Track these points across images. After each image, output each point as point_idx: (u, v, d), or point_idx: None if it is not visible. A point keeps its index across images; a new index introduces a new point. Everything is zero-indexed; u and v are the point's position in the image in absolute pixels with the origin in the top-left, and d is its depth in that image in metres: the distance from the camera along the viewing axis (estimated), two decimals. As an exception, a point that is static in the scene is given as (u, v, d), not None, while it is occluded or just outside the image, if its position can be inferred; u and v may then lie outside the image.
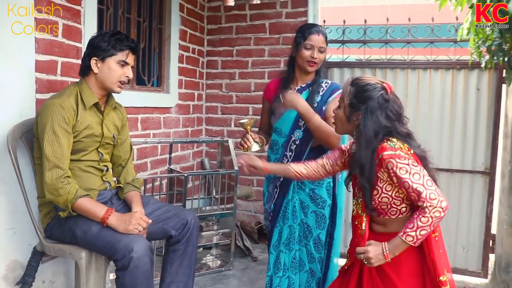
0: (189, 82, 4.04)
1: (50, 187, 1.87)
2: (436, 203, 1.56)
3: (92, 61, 2.04)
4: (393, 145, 1.66)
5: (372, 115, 1.68)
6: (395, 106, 1.72)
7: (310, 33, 2.34)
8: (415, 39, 3.68)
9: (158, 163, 3.58)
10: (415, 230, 1.58)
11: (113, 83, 2.07)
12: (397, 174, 1.62)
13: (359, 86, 1.74)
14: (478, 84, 3.57)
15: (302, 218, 2.42)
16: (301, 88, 2.44)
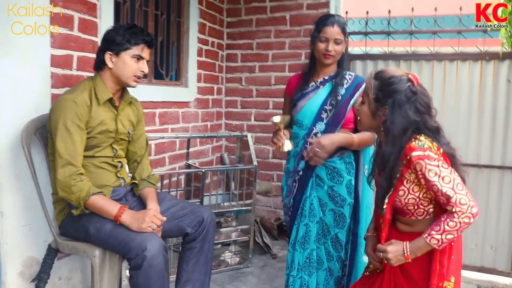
0: (208, 76, 3.99)
1: (63, 185, 1.84)
2: (466, 208, 1.48)
3: (106, 55, 2.00)
4: (422, 144, 1.58)
5: (400, 109, 1.59)
6: (423, 98, 1.62)
7: (324, 25, 2.28)
8: (441, 30, 3.53)
9: (176, 158, 3.54)
10: (441, 234, 1.51)
11: (128, 77, 2.03)
12: (426, 177, 1.53)
13: (384, 79, 1.65)
14: (509, 76, 3.42)
15: (321, 216, 2.35)
16: (324, 81, 2.38)
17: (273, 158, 4.15)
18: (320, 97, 2.35)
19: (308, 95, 2.39)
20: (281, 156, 4.11)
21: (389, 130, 1.61)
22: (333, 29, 2.26)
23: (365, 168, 2.42)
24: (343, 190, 2.32)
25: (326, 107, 2.32)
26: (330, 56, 2.28)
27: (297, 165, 2.41)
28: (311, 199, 2.35)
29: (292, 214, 2.43)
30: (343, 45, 2.31)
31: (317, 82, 2.38)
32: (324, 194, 2.35)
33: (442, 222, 1.52)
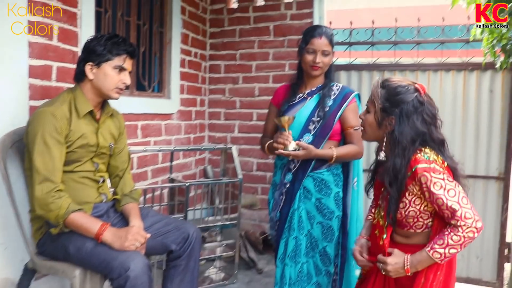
0: (191, 87, 3.92)
1: (40, 202, 1.75)
2: (471, 223, 1.45)
3: (87, 66, 1.92)
4: (427, 157, 1.55)
5: (408, 120, 1.56)
6: (430, 108, 1.60)
7: (312, 36, 2.26)
8: (424, 40, 3.56)
9: (159, 172, 3.45)
10: (444, 247, 1.48)
11: (109, 90, 1.95)
12: (431, 190, 1.51)
13: (391, 89, 1.62)
14: (491, 86, 3.44)
15: (309, 229, 2.31)
16: (311, 92, 2.36)
17: (257, 171, 4.09)
18: (307, 108, 2.33)
19: (295, 106, 2.36)
20: (265, 168, 4.05)
21: (397, 141, 1.57)
22: (321, 40, 2.25)
23: (354, 180, 2.39)
24: (331, 202, 2.29)
25: (314, 119, 2.29)
26: (318, 68, 2.27)
27: (283, 177, 2.37)
28: (299, 212, 2.31)
29: (279, 227, 2.38)
30: (330, 56, 2.30)
31: (305, 93, 2.36)
32: (312, 206, 2.31)
33: (446, 236, 1.49)
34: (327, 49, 2.25)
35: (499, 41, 2.92)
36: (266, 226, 4.04)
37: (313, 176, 2.30)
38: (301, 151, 2.16)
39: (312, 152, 2.18)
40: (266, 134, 2.53)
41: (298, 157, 2.20)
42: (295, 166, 2.32)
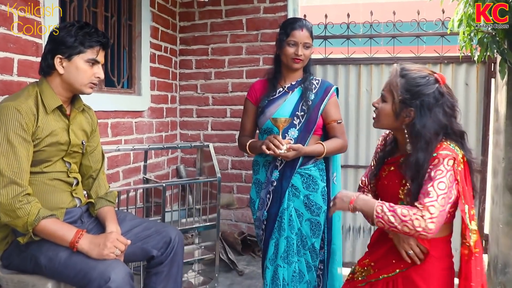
0: (162, 84, 3.74)
1: (6, 208, 1.56)
2: (427, 217, 1.40)
3: (56, 59, 1.72)
4: (453, 146, 1.50)
5: (430, 112, 1.50)
6: (450, 99, 1.55)
7: (293, 28, 2.21)
8: (400, 33, 3.53)
9: (131, 172, 3.27)
10: (390, 210, 1.46)
11: (82, 85, 1.77)
12: (431, 173, 1.47)
13: (411, 79, 1.55)
14: (466, 79, 3.46)
15: (298, 227, 2.25)
16: (292, 86, 2.30)
17: (232, 169, 3.96)
18: (290, 103, 2.27)
19: (276, 101, 2.29)
20: (240, 166, 3.93)
21: (420, 134, 1.51)
22: (302, 32, 2.21)
23: (334, 175, 2.38)
24: (318, 198, 2.25)
25: (298, 113, 2.24)
26: (299, 61, 2.22)
27: (270, 175, 2.28)
28: (289, 211, 2.24)
29: (267, 227, 2.30)
30: (311, 49, 2.27)
31: (285, 87, 2.31)
32: (300, 203, 2.25)
33: (400, 206, 1.47)
34: (308, 42, 2.22)
35: (475, 34, 2.91)
36: (244, 226, 3.93)
37: (300, 173, 2.25)
38: (291, 152, 2.11)
39: (302, 151, 2.15)
40: (244, 133, 2.44)
41: (288, 158, 2.15)
42: (282, 163, 2.25)
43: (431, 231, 1.40)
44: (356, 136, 3.63)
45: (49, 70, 1.76)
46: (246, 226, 3.92)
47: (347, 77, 3.65)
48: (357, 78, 3.63)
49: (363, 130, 3.60)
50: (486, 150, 3.42)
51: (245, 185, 3.91)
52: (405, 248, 1.58)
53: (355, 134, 3.64)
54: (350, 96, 3.63)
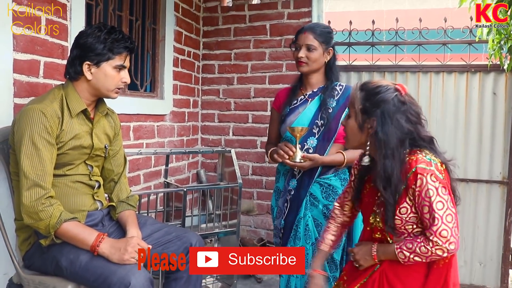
0: (184, 88, 3.75)
1: (29, 210, 1.56)
2: (443, 242, 1.42)
3: (84, 66, 1.72)
4: (429, 158, 1.48)
5: (391, 120, 1.49)
6: (413, 107, 1.54)
7: (298, 33, 2.23)
8: (426, 41, 3.46)
9: (151, 176, 3.27)
10: (410, 253, 1.48)
11: (109, 90, 1.78)
12: (422, 194, 1.45)
13: (370, 89, 1.56)
14: (494, 88, 3.38)
15: (316, 237, 2.19)
16: (313, 93, 2.26)
17: (253, 175, 3.94)
18: (310, 111, 2.23)
19: (297, 109, 2.26)
20: (261, 172, 3.90)
21: (383, 142, 1.50)
22: (305, 35, 2.19)
23: None
24: None
25: (317, 121, 2.20)
26: (302, 63, 2.19)
27: (287, 184, 2.26)
28: (305, 220, 2.20)
29: (284, 236, 2.27)
30: (317, 52, 2.19)
31: (306, 95, 2.27)
32: (319, 213, 2.20)
33: (416, 243, 1.47)
34: (311, 43, 2.17)
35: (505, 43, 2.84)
36: (263, 232, 3.90)
37: (319, 182, 2.21)
38: (307, 162, 2.09)
39: (319, 161, 2.12)
40: (270, 141, 2.45)
41: (304, 168, 2.13)
42: (300, 172, 2.22)
43: (454, 249, 1.43)
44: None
45: (76, 75, 1.76)
46: (266, 233, 3.89)
47: (371, 84, 3.60)
48: (381, 85, 3.57)
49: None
50: (514, 162, 3.33)
51: (266, 191, 3.88)
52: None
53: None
54: (374, 104, 3.58)
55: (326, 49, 2.21)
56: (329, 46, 2.22)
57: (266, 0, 3.81)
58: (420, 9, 6.37)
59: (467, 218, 3.45)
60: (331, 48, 2.24)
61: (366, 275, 1.61)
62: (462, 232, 3.46)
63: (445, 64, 3.45)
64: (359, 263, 1.62)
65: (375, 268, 1.59)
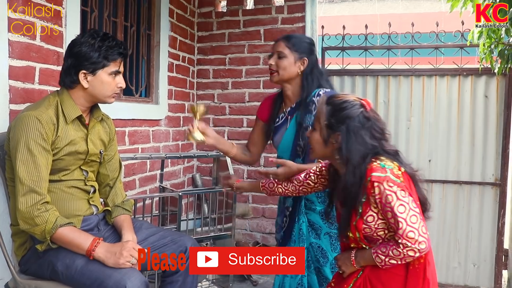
0: (179, 93, 3.77)
1: (25, 216, 1.57)
2: (412, 243, 1.42)
3: (80, 75, 1.73)
4: (383, 164, 1.49)
5: (356, 136, 1.52)
6: (378, 123, 1.56)
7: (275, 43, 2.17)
8: (419, 45, 3.50)
9: (147, 180, 3.29)
10: (385, 256, 1.49)
11: (106, 96, 1.80)
12: (382, 201, 1.47)
13: (336, 104, 1.57)
14: (486, 91, 3.42)
15: (312, 241, 2.16)
16: (291, 110, 2.19)
17: (248, 179, 3.95)
18: (290, 132, 2.18)
19: (280, 129, 2.23)
20: (256, 176, 3.92)
21: (346, 158, 1.52)
22: (277, 43, 2.14)
23: None
24: None
25: (299, 142, 2.13)
26: (273, 72, 2.12)
27: (284, 199, 2.25)
28: (299, 224, 2.18)
29: (281, 244, 2.26)
30: (287, 60, 2.08)
31: (286, 112, 2.21)
32: (317, 217, 2.16)
33: (389, 246, 1.49)
34: (281, 50, 2.09)
35: (496, 46, 2.88)
36: (258, 235, 3.91)
37: None
38: (280, 169, 1.99)
39: (294, 167, 1.98)
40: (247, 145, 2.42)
41: (278, 176, 1.99)
42: None
43: (425, 248, 1.43)
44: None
45: (72, 84, 1.76)
46: (261, 236, 3.90)
47: (364, 88, 3.64)
48: (375, 89, 3.62)
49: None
50: (506, 164, 3.36)
51: (261, 195, 3.89)
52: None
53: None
54: (367, 107, 3.61)
55: (300, 58, 2.10)
56: (304, 55, 2.10)
57: (260, 6, 3.85)
58: (414, 13, 6.42)
59: (461, 219, 3.49)
60: (306, 58, 2.10)
61: (350, 281, 1.62)
62: (456, 234, 3.50)
63: (437, 68, 3.49)
64: (342, 269, 1.64)
65: (358, 275, 1.60)
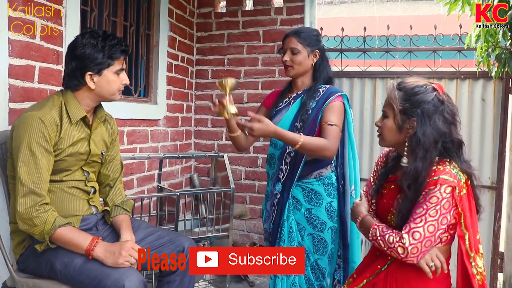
0: (177, 93, 3.78)
1: (24, 216, 1.58)
2: (408, 244, 1.42)
3: (86, 76, 1.73)
4: (456, 172, 1.48)
5: (430, 120, 1.49)
6: (450, 107, 1.53)
7: (284, 38, 2.22)
8: (417, 48, 3.52)
9: (145, 180, 3.29)
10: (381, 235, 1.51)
11: (112, 94, 1.81)
12: (427, 196, 1.46)
13: (408, 89, 1.55)
14: (483, 95, 3.44)
15: (299, 240, 2.19)
16: (297, 95, 2.25)
17: (246, 179, 3.96)
18: (291, 113, 2.22)
19: (281, 111, 2.26)
20: (254, 177, 3.93)
21: (419, 143, 1.50)
22: (288, 39, 2.19)
23: (352, 188, 2.25)
24: (322, 213, 2.16)
25: (297, 124, 2.17)
26: (287, 67, 2.19)
27: (273, 187, 2.26)
28: (289, 223, 2.19)
29: (272, 239, 2.26)
30: (301, 55, 2.15)
31: (291, 97, 2.26)
32: (302, 217, 2.18)
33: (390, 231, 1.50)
34: (294, 47, 2.15)
35: (493, 50, 2.89)
36: (255, 236, 3.92)
37: (302, 186, 2.19)
38: (255, 123, 1.91)
39: (271, 127, 1.92)
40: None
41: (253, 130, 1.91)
42: (284, 176, 2.21)
43: (414, 255, 1.42)
44: (371, 150, 3.62)
45: (77, 86, 1.77)
46: (258, 237, 3.91)
47: (362, 90, 3.65)
48: (373, 91, 3.63)
49: (377, 143, 3.56)
50: (502, 167, 3.38)
51: (258, 196, 3.91)
52: (427, 260, 1.52)
53: (369, 147, 3.63)
54: (365, 110, 3.63)
55: (312, 51, 2.17)
56: (315, 48, 2.18)
57: (259, 7, 3.87)
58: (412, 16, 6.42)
59: (457, 222, 3.49)
60: (317, 50, 2.19)
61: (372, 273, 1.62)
62: (452, 236, 3.51)
63: (435, 71, 3.51)
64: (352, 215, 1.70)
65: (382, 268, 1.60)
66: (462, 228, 1.50)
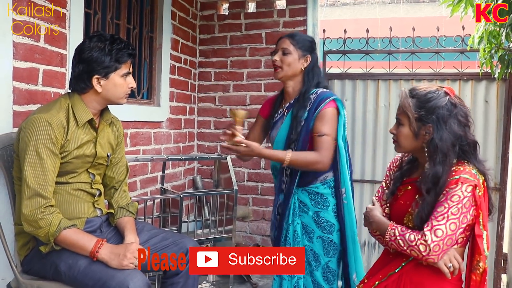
0: (180, 95, 3.79)
1: (29, 218, 1.58)
2: (429, 242, 1.43)
3: (93, 80, 1.74)
4: (475, 172, 1.51)
5: (445, 125, 1.52)
6: (463, 109, 1.56)
7: (278, 40, 2.22)
8: (420, 49, 3.52)
9: (148, 182, 3.30)
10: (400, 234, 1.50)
11: (120, 98, 1.83)
12: (447, 194, 1.47)
13: (421, 96, 1.58)
14: (486, 96, 3.43)
15: (305, 244, 2.18)
16: (289, 105, 2.20)
17: (248, 181, 3.97)
18: (286, 125, 2.19)
19: (276, 124, 2.25)
20: (256, 179, 3.93)
21: (437, 148, 1.52)
22: (282, 40, 2.18)
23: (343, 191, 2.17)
24: (330, 215, 2.15)
25: (292, 136, 2.15)
26: (277, 68, 2.16)
27: (277, 197, 2.28)
28: (294, 226, 2.18)
29: (276, 244, 2.27)
30: (292, 56, 2.13)
31: (284, 107, 2.23)
32: (310, 220, 2.17)
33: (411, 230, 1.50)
34: (286, 47, 2.14)
35: (496, 52, 2.89)
36: (258, 238, 3.92)
37: (307, 190, 2.18)
38: (242, 147, 1.97)
39: (255, 151, 1.98)
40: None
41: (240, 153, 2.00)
42: (285, 187, 2.21)
43: (435, 253, 1.43)
44: (373, 152, 3.62)
45: (84, 89, 1.77)
46: (261, 239, 3.92)
47: (365, 92, 3.65)
48: (375, 93, 3.63)
49: (380, 145, 3.59)
50: (505, 168, 3.37)
51: (261, 197, 3.92)
52: (445, 261, 1.52)
53: (372, 149, 3.63)
54: (368, 112, 3.63)
55: (303, 55, 2.14)
56: (307, 53, 2.15)
57: (262, 9, 3.88)
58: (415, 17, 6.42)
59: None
60: (309, 56, 2.16)
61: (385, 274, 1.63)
62: (455, 238, 3.50)
63: (438, 72, 3.50)
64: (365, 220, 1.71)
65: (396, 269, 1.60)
66: (481, 227, 1.51)
